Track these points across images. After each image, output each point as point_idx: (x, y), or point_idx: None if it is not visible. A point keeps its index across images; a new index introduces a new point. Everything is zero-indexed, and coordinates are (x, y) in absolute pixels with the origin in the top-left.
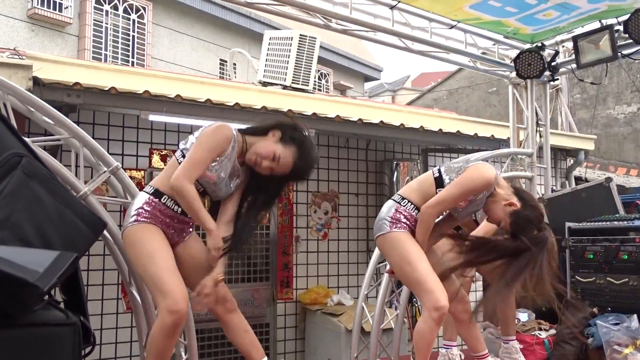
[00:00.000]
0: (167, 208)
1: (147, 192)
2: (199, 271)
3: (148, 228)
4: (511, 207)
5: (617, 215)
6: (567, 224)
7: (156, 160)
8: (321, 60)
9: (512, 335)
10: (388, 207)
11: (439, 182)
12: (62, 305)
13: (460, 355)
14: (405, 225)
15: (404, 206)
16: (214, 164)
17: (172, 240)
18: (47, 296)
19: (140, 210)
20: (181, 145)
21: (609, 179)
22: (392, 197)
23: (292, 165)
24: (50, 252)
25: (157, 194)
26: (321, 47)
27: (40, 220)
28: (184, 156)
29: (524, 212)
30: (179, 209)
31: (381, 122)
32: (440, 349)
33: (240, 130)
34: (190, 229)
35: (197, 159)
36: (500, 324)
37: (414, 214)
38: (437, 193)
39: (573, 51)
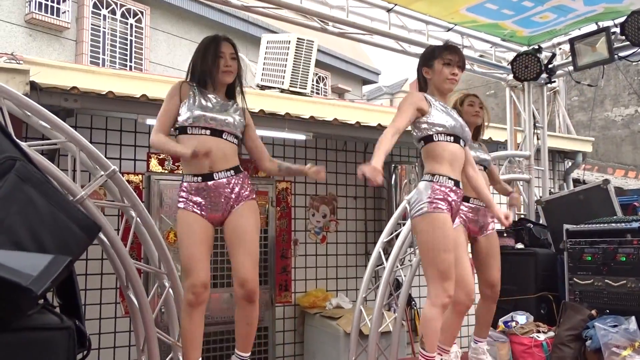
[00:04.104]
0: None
1: None
2: None
3: None
4: None
5: (614, 217)
6: (565, 226)
7: (154, 164)
8: (319, 64)
9: (483, 338)
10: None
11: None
12: (57, 310)
13: (457, 353)
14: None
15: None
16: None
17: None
18: (42, 300)
19: None
20: None
21: (606, 181)
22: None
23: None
24: (44, 255)
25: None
26: (319, 50)
27: (34, 223)
28: None
29: None
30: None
31: (379, 125)
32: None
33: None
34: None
35: (159, 113)
36: (476, 326)
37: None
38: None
39: (570, 53)
